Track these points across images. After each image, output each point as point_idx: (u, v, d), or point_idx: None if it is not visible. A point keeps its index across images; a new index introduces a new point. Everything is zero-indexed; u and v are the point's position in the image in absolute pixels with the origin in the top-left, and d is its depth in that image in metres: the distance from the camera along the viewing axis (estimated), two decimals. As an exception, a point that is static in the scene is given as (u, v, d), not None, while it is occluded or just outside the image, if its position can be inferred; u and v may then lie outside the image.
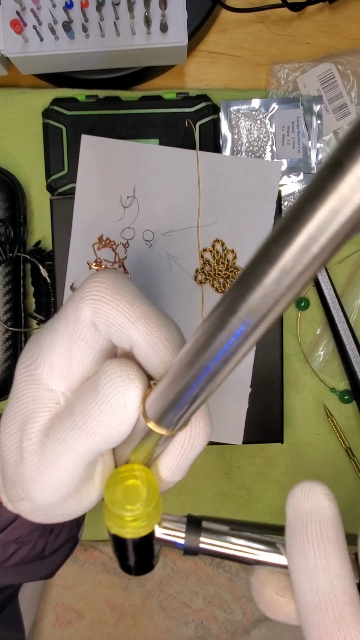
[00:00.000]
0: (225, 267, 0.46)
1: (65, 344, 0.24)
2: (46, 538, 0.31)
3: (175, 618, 0.52)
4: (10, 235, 0.46)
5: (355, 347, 0.48)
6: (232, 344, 0.17)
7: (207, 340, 0.17)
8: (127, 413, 0.21)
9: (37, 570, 0.32)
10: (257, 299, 0.15)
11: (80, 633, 0.52)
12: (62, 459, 0.23)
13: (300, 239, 0.14)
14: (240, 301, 0.16)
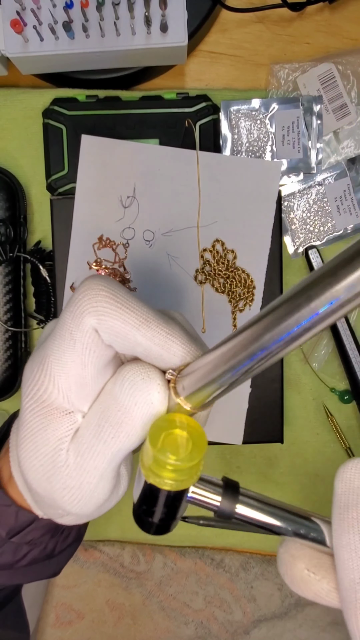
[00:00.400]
0: (225, 267, 0.46)
1: (78, 362, 0.23)
2: (57, 539, 0.32)
3: (175, 618, 0.52)
4: (10, 235, 0.46)
5: (355, 347, 0.48)
6: (300, 327, 0.18)
7: (273, 322, 0.19)
8: (154, 410, 0.22)
9: (45, 569, 0.33)
10: (340, 289, 0.17)
11: (80, 633, 0.52)
12: (99, 471, 0.24)
13: None
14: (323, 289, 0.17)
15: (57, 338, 0.23)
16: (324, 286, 0.17)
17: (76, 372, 0.23)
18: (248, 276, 0.46)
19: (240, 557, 0.52)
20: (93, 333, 0.23)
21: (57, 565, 0.34)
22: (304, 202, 0.49)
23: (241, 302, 0.46)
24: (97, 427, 0.23)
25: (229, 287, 0.46)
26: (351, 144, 0.49)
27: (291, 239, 0.49)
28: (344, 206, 0.48)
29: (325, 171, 0.48)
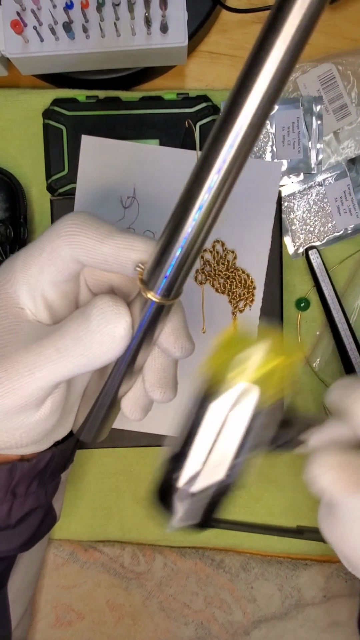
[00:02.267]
0: (225, 268, 0.46)
1: (37, 267, 0.27)
2: (10, 502, 0.31)
3: (175, 619, 0.52)
4: (10, 236, 0.46)
5: (355, 348, 0.48)
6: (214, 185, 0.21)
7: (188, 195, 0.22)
8: (115, 344, 0.24)
9: (7, 540, 0.33)
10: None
11: (80, 633, 0.52)
12: (38, 372, 0.25)
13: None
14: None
15: (30, 248, 0.27)
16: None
17: (33, 274, 0.27)
18: (248, 276, 0.46)
19: (240, 558, 0.52)
20: (63, 253, 0.26)
21: (20, 537, 0.33)
22: (304, 202, 0.49)
23: (241, 302, 0.46)
24: (58, 335, 0.25)
25: (229, 287, 0.46)
26: (351, 145, 0.49)
27: (291, 240, 0.49)
28: (344, 206, 0.48)
29: (325, 172, 0.48)
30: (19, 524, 0.33)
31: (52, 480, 0.34)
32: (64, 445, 0.33)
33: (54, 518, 0.36)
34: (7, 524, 0.32)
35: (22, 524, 0.33)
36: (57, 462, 0.34)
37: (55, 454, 0.33)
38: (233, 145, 0.20)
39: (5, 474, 0.30)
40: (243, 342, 0.25)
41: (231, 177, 0.21)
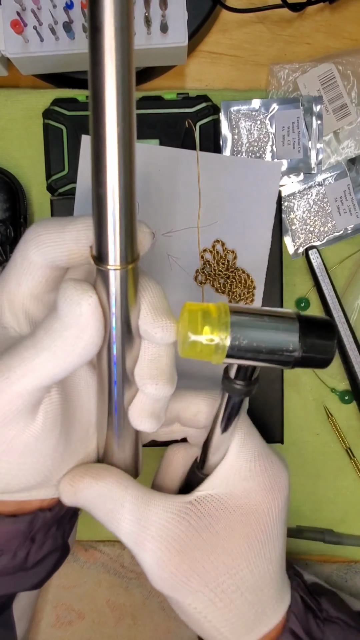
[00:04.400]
0: (225, 268, 0.46)
1: (14, 281, 0.27)
2: (28, 547, 0.30)
3: (175, 618, 0.52)
4: (10, 236, 0.46)
5: (355, 347, 0.48)
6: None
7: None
8: (85, 321, 0.23)
9: (21, 582, 0.31)
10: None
11: (80, 633, 0.52)
12: (13, 374, 0.24)
13: None
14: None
15: (5, 266, 0.28)
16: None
17: (11, 290, 0.27)
18: (248, 276, 0.46)
19: (240, 558, 0.52)
20: (32, 257, 0.26)
21: (35, 578, 0.32)
22: (304, 202, 0.49)
23: (241, 302, 0.46)
24: (32, 333, 0.25)
25: (229, 287, 0.46)
26: (351, 144, 0.49)
27: (291, 239, 0.49)
28: (344, 206, 0.48)
29: (325, 171, 0.48)
30: (35, 566, 0.31)
31: (70, 520, 0.33)
32: None
33: (67, 552, 0.35)
34: (23, 567, 0.31)
35: (39, 565, 0.31)
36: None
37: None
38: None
39: (26, 525, 0.29)
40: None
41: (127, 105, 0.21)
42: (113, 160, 0.21)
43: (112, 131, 0.20)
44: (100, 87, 0.20)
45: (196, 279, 0.46)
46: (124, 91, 0.20)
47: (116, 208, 0.22)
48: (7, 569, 0.30)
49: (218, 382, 0.27)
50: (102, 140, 0.20)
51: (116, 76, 0.20)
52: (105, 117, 0.20)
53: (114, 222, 0.22)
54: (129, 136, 0.21)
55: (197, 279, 0.46)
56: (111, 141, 0.20)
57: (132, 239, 0.23)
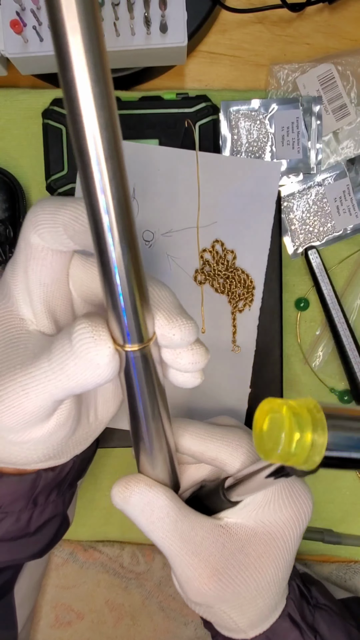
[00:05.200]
0: (224, 268, 0.46)
1: (22, 269, 0.26)
2: (30, 510, 0.32)
3: (174, 619, 0.52)
4: (10, 236, 0.46)
5: (354, 348, 0.48)
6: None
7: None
8: (100, 371, 0.23)
9: (24, 549, 0.33)
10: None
11: (79, 633, 0.52)
12: (32, 393, 0.24)
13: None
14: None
15: (13, 255, 0.27)
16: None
17: (21, 280, 0.27)
18: (248, 276, 0.46)
19: (239, 558, 0.52)
20: (33, 242, 0.26)
21: (37, 544, 0.33)
22: (303, 202, 0.49)
23: (241, 302, 0.46)
24: (47, 356, 0.24)
25: (229, 287, 0.46)
26: (351, 145, 0.49)
27: (291, 240, 0.49)
28: (343, 207, 0.48)
29: (324, 172, 0.48)
30: (37, 532, 0.33)
31: (70, 488, 0.35)
32: (84, 454, 0.33)
33: (67, 525, 0.36)
34: (26, 532, 0.32)
35: (40, 532, 0.33)
36: (77, 471, 0.34)
37: (75, 463, 0.33)
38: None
39: (29, 484, 0.31)
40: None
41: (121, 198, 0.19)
42: (120, 267, 0.20)
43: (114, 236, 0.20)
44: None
45: (195, 278, 0.46)
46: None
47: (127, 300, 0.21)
48: (11, 533, 0.31)
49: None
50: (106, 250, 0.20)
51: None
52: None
53: (126, 310, 0.22)
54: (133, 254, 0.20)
55: (197, 279, 0.46)
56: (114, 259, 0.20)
57: (144, 322, 0.23)
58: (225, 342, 0.46)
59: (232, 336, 0.46)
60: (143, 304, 0.22)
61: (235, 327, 0.46)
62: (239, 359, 0.46)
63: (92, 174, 0.18)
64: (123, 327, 0.22)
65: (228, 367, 0.46)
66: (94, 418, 0.31)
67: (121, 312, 0.22)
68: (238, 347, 0.46)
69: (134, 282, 0.21)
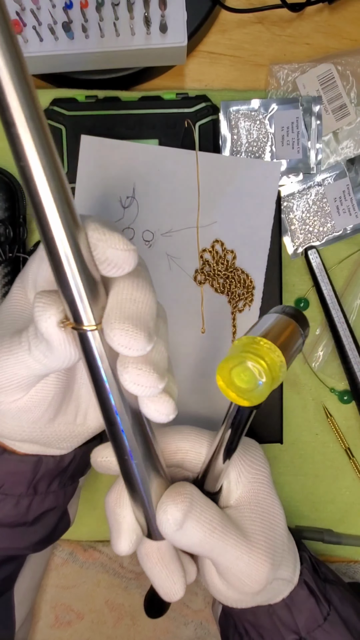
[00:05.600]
0: (224, 268, 0.46)
1: (36, 263, 0.29)
2: (30, 497, 0.32)
3: (174, 619, 0.52)
4: (9, 236, 0.46)
5: (354, 348, 0.48)
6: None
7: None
8: (48, 337, 0.24)
9: (22, 537, 0.33)
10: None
11: (79, 633, 0.52)
12: (10, 358, 0.26)
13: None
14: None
15: (34, 257, 0.29)
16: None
17: (33, 269, 0.29)
18: (247, 276, 0.46)
19: (239, 558, 0.52)
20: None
21: (35, 535, 0.34)
22: (303, 202, 0.49)
23: (240, 302, 0.46)
24: (28, 330, 0.26)
25: (229, 287, 0.46)
26: (350, 145, 0.49)
27: (290, 240, 0.49)
28: (343, 207, 0.48)
29: (324, 171, 0.48)
30: (35, 522, 0.33)
31: (72, 482, 0.35)
32: (86, 447, 0.34)
33: (68, 522, 0.37)
34: (24, 520, 0.33)
35: (39, 522, 0.34)
36: (79, 465, 0.35)
37: (77, 455, 0.34)
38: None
39: (31, 467, 0.31)
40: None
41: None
42: (61, 238, 0.22)
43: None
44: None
45: (195, 279, 0.46)
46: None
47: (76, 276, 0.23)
48: (9, 518, 0.32)
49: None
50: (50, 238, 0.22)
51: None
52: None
53: (77, 287, 0.23)
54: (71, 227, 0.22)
55: (197, 279, 0.46)
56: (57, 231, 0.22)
57: (96, 301, 0.24)
58: (225, 342, 0.46)
59: (232, 336, 0.46)
60: (90, 287, 0.23)
61: (235, 327, 0.46)
62: (238, 359, 0.46)
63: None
64: (73, 306, 0.23)
65: (228, 367, 0.46)
66: (81, 420, 0.32)
67: (69, 290, 0.23)
68: (238, 347, 0.46)
69: (76, 263, 0.22)
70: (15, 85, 0.18)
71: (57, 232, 0.21)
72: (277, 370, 0.24)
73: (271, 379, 0.24)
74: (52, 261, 0.22)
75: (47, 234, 0.21)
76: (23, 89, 0.19)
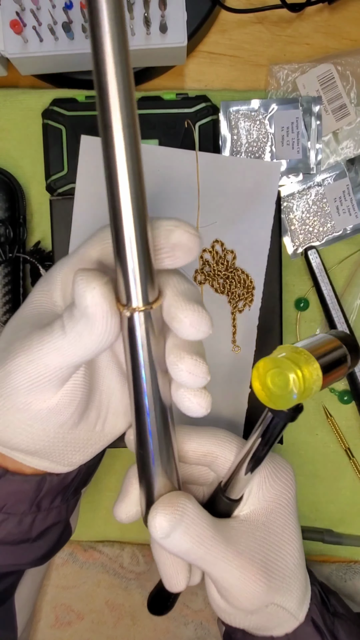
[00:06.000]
0: (224, 268, 0.46)
1: (70, 268, 0.29)
2: (34, 514, 0.32)
3: (174, 619, 0.52)
4: (10, 236, 0.46)
5: (354, 348, 0.48)
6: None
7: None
8: (91, 310, 0.24)
9: (26, 553, 0.33)
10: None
11: (80, 634, 0.52)
12: (43, 349, 0.25)
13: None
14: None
15: (67, 259, 0.29)
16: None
17: (66, 273, 0.29)
18: (247, 277, 0.46)
19: (239, 558, 0.52)
20: (92, 258, 0.28)
21: (39, 551, 0.33)
22: (303, 202, 0.49)
23: (241, 302, 0.46)
24: (61, 316, 0.26)
25: (229, 287, 0.46)
26: (350, 145, 0.49)
27: (290, 240, 0.49)
28: (343, 207, 0.48)
29: (324, 172, 0.48)
30: (39, 538, 0.33)
31: (74, 495, 0.35)
32: (89, 463, 0.34)
33: (69, 533, 0.37)
34: (27, 537, 0.32)
35: (42, 538, 0.33)
36: (82, 478, 0.34)
37: (82, 470, 0.33)
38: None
39: (34, 486, 0.31)
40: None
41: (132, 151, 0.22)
42: (128, 215, 0.24)
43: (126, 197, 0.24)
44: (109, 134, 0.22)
45: (195, 279, 0.46)
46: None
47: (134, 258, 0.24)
48: (13, 535, 0.31)
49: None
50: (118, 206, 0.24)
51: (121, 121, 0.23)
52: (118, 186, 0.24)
53: (134, 271, 0.24)
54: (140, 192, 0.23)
55: (197, 279, 0.46)
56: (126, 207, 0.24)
57: (150, 282, 0.24)
58: (225, 342, 0.46)
59: (232, 336, 0.46)
60: (148, 267, 0.24)
61: (235, 327, 0.46)
62: (239, 359, 0.46)
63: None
64: (127, 282, 0.24)
65: (228, 367, 0.46)
66: (100, 427, 0.31)
67: (126, 266, 0.23)
68: (238, 347, 0.46)
69: (140, 242, 0.23)
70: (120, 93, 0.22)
71: (125, 206, 0.23)
72: (311, 383, 0.24)
73: (303, 389, 0.24)
74: (116, 235, 0.23)
75: (115, 204, 0.23)
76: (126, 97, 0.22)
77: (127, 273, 0.23)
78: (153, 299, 0.25)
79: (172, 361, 0.26)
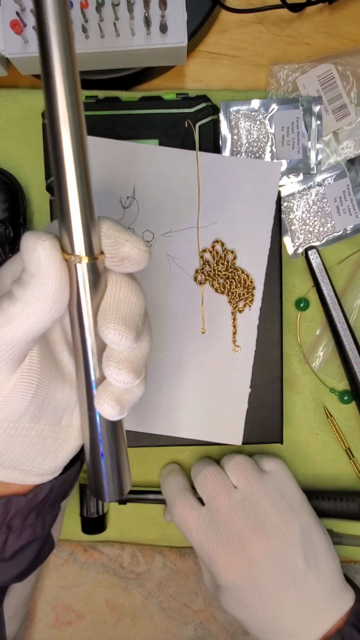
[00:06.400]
0: (225, 268, 0.46)
1: (16, 262, 0.29)
2: (5, 535, 0.30)
3: (174, 619, 0.52)
4: (10, 236, 0.46)
5: (354, 348, 0.48)
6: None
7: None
8: (44, 263, 0.24)
9: (1, 573, 0.31)
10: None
11: (80, 633, 0.52)
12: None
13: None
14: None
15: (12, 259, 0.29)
16: None
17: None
18: (248, 276, 0.46)
19: (239, 558, 0.52)
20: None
21: (15, 569, 0.32)
22: (303, 202, 0.49)
23: (241, 302, 0.46)
24: (9, 289, 0.26)
25: (229, 287, 0.46)
26: (351, 145, 0.49)
27: (291, 240, 0.49)
28: (343, 207, 0.48)
29: (324, 172, 0.48)
30: (14, 557, 0.31)
31: (52, 511, 0.33)
32: (64, 477, 0.32)
33: (51, 546, 0.35)
34: (1, 558, 0.31)
35: (18, 557, 0.32)
36: (57, 493, 0.33)
37: (54, 486, 0.32)
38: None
39: (1, 509, 0.30)
40: None
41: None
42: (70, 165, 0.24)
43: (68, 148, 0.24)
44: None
45: (196, 279, 0.46)
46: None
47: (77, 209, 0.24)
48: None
49: None
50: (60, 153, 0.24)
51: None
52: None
53: (77, 220, 0.24)
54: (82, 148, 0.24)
55: (197, 279, 0.46)
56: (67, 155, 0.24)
57: (91, 233, 0.25)
58: (225, 342, 0.46)
59: (232, 336, 0.46)
60: (90, 216, 0.24)
61: (235, 327, 0.46)
62: (239, 359, 0.46)
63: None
64: (69, 232, 0.24)
65: (228, 367, 0.46)
66: (67, 421, 0.30)
67: (69, 214, 0.24)
68: (238, 347, 0.46)
69: (81, 192, 0.24)
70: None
71: (67, 155, 0.24)
72: None
73: None
74: (58, 183, 0.24)
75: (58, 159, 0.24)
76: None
77: (71, 221, 0.24)
78: (97, 254, 0.25)
79: (103, 366, 0.27)
